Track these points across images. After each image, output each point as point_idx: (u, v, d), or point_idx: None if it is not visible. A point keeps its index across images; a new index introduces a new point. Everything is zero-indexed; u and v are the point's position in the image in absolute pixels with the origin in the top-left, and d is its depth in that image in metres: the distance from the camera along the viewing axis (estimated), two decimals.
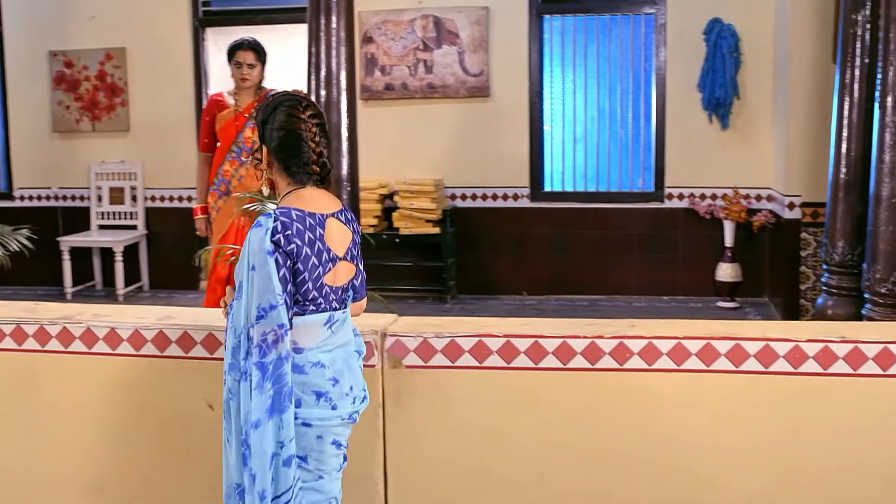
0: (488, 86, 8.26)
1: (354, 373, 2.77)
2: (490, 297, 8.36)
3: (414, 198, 8.12)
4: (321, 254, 2.63)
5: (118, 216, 8.99)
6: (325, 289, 2.66)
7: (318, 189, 2.74)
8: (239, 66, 5.57)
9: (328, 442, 2.69)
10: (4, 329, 3.46)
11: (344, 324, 2.75)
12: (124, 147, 8.97)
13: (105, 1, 8.81)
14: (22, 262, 8.92)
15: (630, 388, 3.08)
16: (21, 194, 9.22)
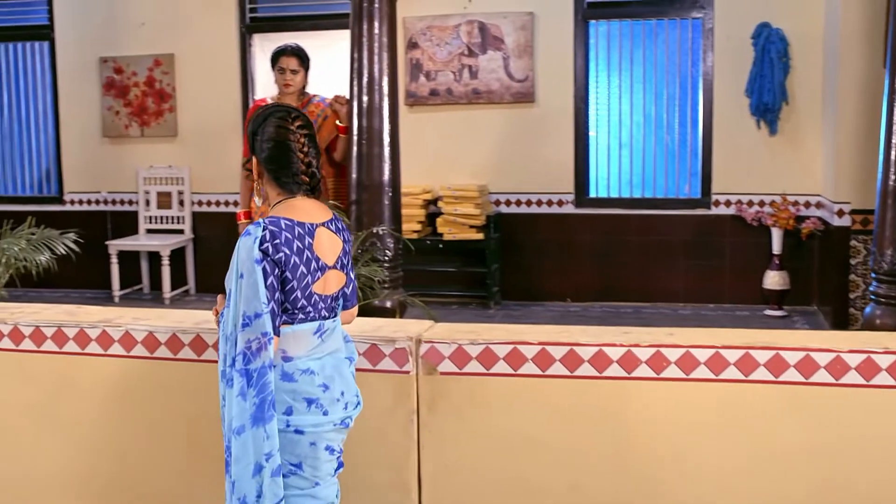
0: (533, 91, 8.23)
1: (345, 379, 2.79)
2: (534, 303, 8.32)
3: (458, 203, 8.10)
4: (310, 262, 2.66)
5: (165, 220, 9.09)
6: (314, 297, 2.69)
7: (309, 199, 2.77)
8: (282, 71, 5.60)
9: (322, 448, 2.70)
10: (45, 332, 3.51)
11: (334, 332, 2.77)
12: (172, 152, 9.07)
13: (154, 8, 8.92)
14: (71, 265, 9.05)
15: (667, 398, 3.03)
16: (71, 198, 9.36)
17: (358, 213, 5.44)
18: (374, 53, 5.40)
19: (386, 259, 5.43)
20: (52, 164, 9.53)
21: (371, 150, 5.43)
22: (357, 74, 5.42)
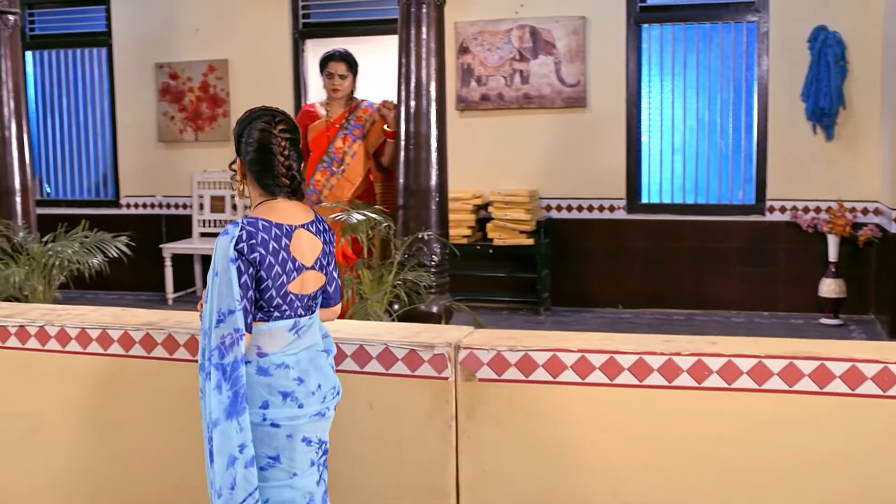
0: (585, 96, 8.17)
1: (323, 371, 2.84)
2: (585, 309, 8.26)
3: (508, 209, 8.08)
4: (285, 263, 2.73)
5: (219, 224, 9.19)
6: (289, 296, 2.75)
7: (291, 201, 2.83)
8: (331, 76, 5.63)
9: (298, 440, 2.77)
10: (91, 333, 3.55)
11: (310, 329, 2.85)
12: (225, 156, 9.14)
13: (209, 14, 9.04)
14: (126, 268, 9.20)
15: (708, 408, 2.98)
16: (127, 202, 9.51)
17: (405, 218, 5.44)
18: (421, 58, 5.41)
19: (432, 264, 5.41)
20: (109, 169, 9.69)
21: (418, 155, 5.43)
22: (405, 79, 5.44)
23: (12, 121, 6.32)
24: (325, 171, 5.67)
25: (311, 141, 5.70)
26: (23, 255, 5.66)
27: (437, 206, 5.50)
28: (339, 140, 5.65)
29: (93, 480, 3.61)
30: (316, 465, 2.85)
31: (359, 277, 4.97)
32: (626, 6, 8.06)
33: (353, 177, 5.65)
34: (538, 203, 8.28)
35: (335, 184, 5.64)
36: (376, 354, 3.25)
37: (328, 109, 5.73)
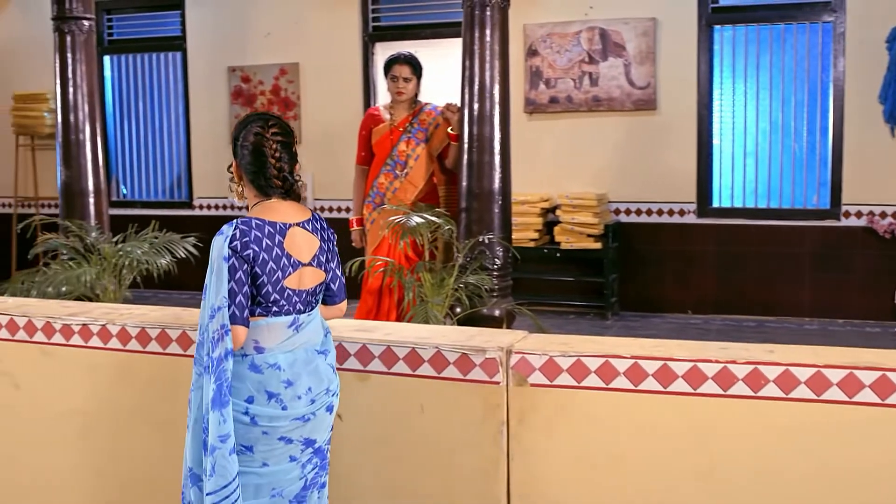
0: (655, 98, 8.07)
1: (317, 373, 2.93)
2: (653, 314, 8.16)
3: (576, 212, 8.01)
4: (280, 259, 2.84)
5: None
6: (286, 292, 2.86)
7: (285, 201, 2.94)
8: (395, 80, 5.64)
9: (275, 437, 2.86)
10: (150, 333, 3.61)
11: (310, 325, 2.94)
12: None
13: (280, 18, 9.14)
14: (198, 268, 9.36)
15: (764, 418, 2.90)
16: (200, 203, 9.67)
17: (467, 221, 5.43)
18: (485, 61, 5.39)
19: (494, 267, 5.39)
20: (183, 171, 9.86)
21: (482, 158, 5.41)
22: (468, 82, 5.42)
23: (87, 124, 6.46)
24: (389, 174, 5.68)
25: (375, 144, 5.73)
26: (94, 255, 5.78)
27: (500, 210, 5.47)
28: (403, 143, 5.66)
29: (147, 478, 3.66)
30: (298, 462, 2.92)
31: (420, 280, 4.97)
32: (697, 7, 7.93)
33: (416, 180, 5.66)
34: (606, 207, 8.20)
35: (398, 187, 5.65)
36: (428, 358, 3.24)
37: (392, 113, 5.74)
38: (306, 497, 2.98)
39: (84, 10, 6.42)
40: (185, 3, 9.50)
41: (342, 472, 3.38)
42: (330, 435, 3.04)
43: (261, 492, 2.88)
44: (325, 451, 3.03)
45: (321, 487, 3.05)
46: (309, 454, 2.94)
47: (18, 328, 3.84)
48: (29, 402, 3.86)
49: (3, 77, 10.12)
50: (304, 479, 2.96)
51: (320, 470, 3.01)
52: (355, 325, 3.53)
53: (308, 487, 2.98)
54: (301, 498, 2.96)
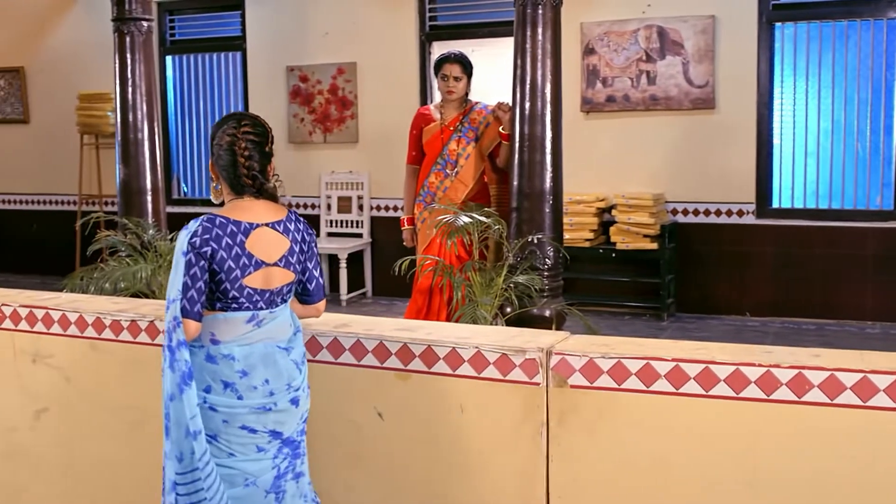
0: (713, 97, 7.96)
1: (275, 367, 2.99)
2: (710, 316, 8.05)
3: (632, 212, 7.94)
4: (239, 258, 2.91)
5: (345, 224, 9.34)
6: (246, 290, 2.93)
7: (258, 200, 3.01)
8: (445, 79, 5.64)
9: (235, 426, 2.95)
10: None
11: (274, 322, 3.00)
12: (352, 158, 9.32)
13: (338, 18, 9.20)
14: None
15: (808, 424, 2.84)
16: None
17: (518, 221, 5.41)
18: (537, 60, 5.36)
19: (545, 267, 5.36)
20: None
21: (533, 158, 5.38)
22: (520, 81, 5.40)
23: (145, 123, 6.56)
24: (440, 174, 5.69)
25: (426, 143, 5.74)
26: (150, 252, 5.86)
27: (551, 209, 5.44)
28: (454, 142, 5.66)
29: None
30: (267, 452, 3.00)
31: (468, 279, 4.96)
32: (757, 4, 7.81)
33: (466, 179, 5.65)
34: (663, 207, 8.11)
35: (449, 186, 5.65)
36: (468, 357, 3.23)
37: (443, 112, 5.75)
38: (282, 486, 3.05)
39: (143, 10, 6.53)
40: (246, 4, 9.61)
41: (383, 471, 3.39)
42: (302, 427, 3.11)
43: (235, 481, 2.97)
44: (298, 442, 3.10)
45: (298, 476, 3.11)
46: (277, 445, 3.02)
47: (70, 323, 3.91)
48: (80, 395, 3.93)
49: (69, 77, 10.34)
50: (277, 469, 3.03)
51: (293, 459, 3.08)
52: (397, 324, 3.53)
53: (281, 476, 3.05)
54: (277, 487, 3.04)
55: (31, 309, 4.01)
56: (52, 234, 10.31)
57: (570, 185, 8.19)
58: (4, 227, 11.07)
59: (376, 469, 3.40)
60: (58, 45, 10.59)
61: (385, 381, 3.35)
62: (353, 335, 3.40)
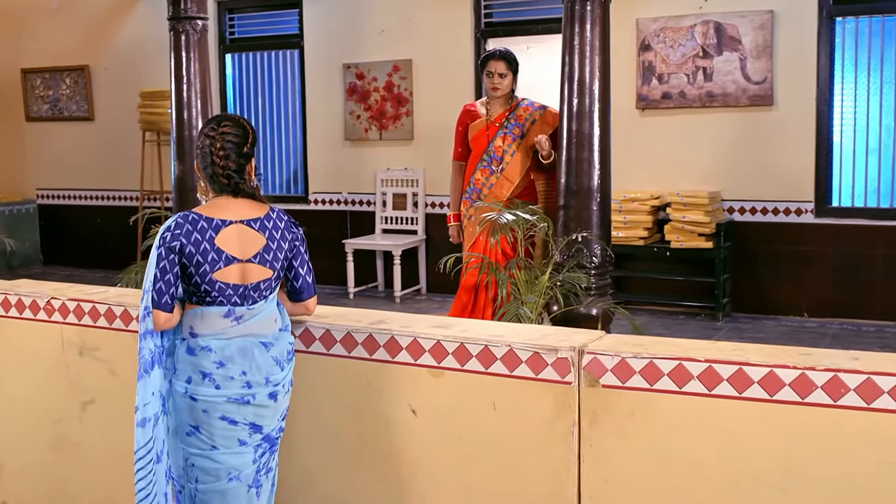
0: (772, 94, 7.82)
1: (252, 360, 3.08)
2: (766, 316, 7.92)
3: (687, 210, 7.84)
4: (207, 253, 3.02)
5: (400, 221, 9.37)
6: (218, 285, 3.04)
7: (236, 198, 3.12)
8: (490, 75, 5.63)
9: (216, 416, 3.06)
10: None
11: (255, 318, 3.10)
12: (408, 155, 9.34)
13: (394, 15, 9.23)
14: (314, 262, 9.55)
15: (844, 428, 2.77)
16: (315, 198, 9.85)
17: (565, 219, 5.36)
18: (585, 56, 5.31)
19: (592, 266, 5.31)
20: (299, 166, 10.07)
21: (580, 155, 5.33)
22: (567, 78, 5.35)
23: (199, 120, 6.66)
24: (485, 170, 5.67)
25: (472, 140, 5.73)
26: None
27: (599, 207, 5.37)
28: (499, 139, 5.64)
29: None
30: (249, 446, 3.10)
31: (513, 277, 4.94)
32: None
33: (511, 175, 5.63)
34: (719, 205, 7.99)
35: (494, 182, 5.64)
36: (501, 355, 3.22)
37: (489, 108, 5.73)
38: (259, 481, 3.17)
39: (198, 9, 6.62)
40: (303, 2, 9.69)
41: (417, 469, 3.39)
42: (282, 424, 3.21)
43: (219, 475, 3.09)
44: (276, 439, 3.20)
45: (268, 472, 3.22)
46: (258, 440, 3.12)
47: (115, 317, 3.98)
48: (124, 388, 3.98)
49: (132, 74, 10.54)
50: (257, 464, 3.14)
51: (268, 454, 3.19)
52: (432, 322, 3.53)
53: (260, 471, 3.16)
54: (256, 482, 3.15)
55: (79, 302, 4.10)
56: (115, 229, 10.51)
57: (625, 183, 8.16)
58: (71, 223, 11.33)
59: (409, 465, 3.40)
60: (121, 43, 10.80)
61: (418, 378, 3.35)
62: (387, 332, 3.41)
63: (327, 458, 3.56)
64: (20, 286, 4.45)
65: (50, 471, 4.25)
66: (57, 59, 11.28)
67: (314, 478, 3.59)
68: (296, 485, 3.62)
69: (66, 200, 11.47)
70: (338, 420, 3.53)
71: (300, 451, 3.61)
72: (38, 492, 4.37)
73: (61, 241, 11.49)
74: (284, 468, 3.59)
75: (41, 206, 11.65)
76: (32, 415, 4.31)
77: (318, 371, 3.54)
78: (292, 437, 3.61)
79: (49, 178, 11.55)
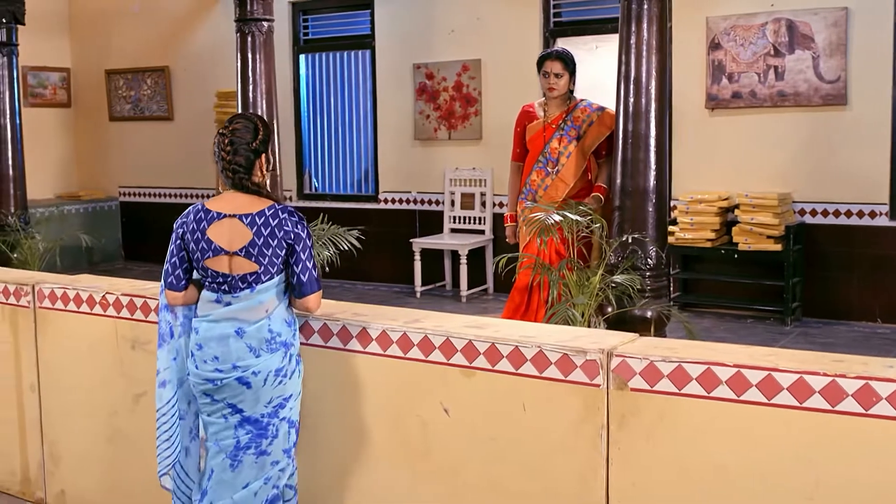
0: (845, 93, 7.62)
1: (225, 346, 3.29)
2: (837, 321, 7.73)
3: (755, 212, 7.69)
4: (199, 242, 3.29)
5: (468, 220, 9.39)
6: (209, 271, 3.31)
7: (239, 193, 3.32)
8: (546, 76, 5.61)
9: (199, 391, 3.37)
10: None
11: (241, 306, 3.29)
12: (476, 154, 9.36)
13: (463, 15, 9.26)
14: (384, 260, 9.66)
15: (874, 437, 2.70)
16: (385, 197, 9.93)
17: (620, 220, 5.31)
18: (641, 55, 5.24)
19: (647, 268, 5.25)
20: (370, 165, 10.16)
21: (636, 155, 5.27)
22: (624, 77, 5.30)
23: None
24: (541, 172, 5.65)
25: (529, 140, 5.72)
26: None
27: (655, 209, 5.31)
28: (555, 140, 5.61)
29: None
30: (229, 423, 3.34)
31: (564, 278, 4.91)
32: None
33: (567, 177, 5.60)
34: (790, 207, 7.82)
35: (550, 184, 5.62)
36: (531, 357, 3.21)
37: (546, 109, 5.71)
38: (240, 457, 3.34)
39: (264, 11, 6.74)
40: (375, 2, 9.77)
41: (449, 467, 3.41)
42: (271, 410, 3.35)
43: (205, 434, 3.44)
44: (265, 423, 3.34)
45: (261, 454, 3.35)
46: (238, 419, 3.33)
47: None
48: None
49: (209, 75, 10.77)
50: (237, 440, 3.34)
51: (256, 437, 3.34)
52: (466, 321, 3.54)
53: (241, 449, 3.34)
54: (234, 455, 3.34)
55: (132, 297, 4.21)
56: None
57: (693, 184, 8.06)
58: (150, 219, 11.61)
59: (441, 463, 3.42)
60: (199, 45, 11.05)
61: (451, 377, 3.37)
62: (421, 331, 3.44)
63: (361, 455, 3.60)
64: (79, 281, 4.59)
65: (105, 462, 4.38)
66: (138, 61, 11.59)
67: (348, 473, 3.63)
68: (329, 479, 3.67)
69: (146, 198, 11.77)
70: (372, 417, 3.56)
71: (334, 447, 3.65)
72: (94, 483, 4.51)
73: (142, 238, 11.79)
74: (318, 462, 3.65)
75: (123, 203, 11.98)
76: (89, 407, 4.45)
77: (354, 368, 3.58)
78: (326, 433, 3.66)
79: (130, 177, 11.88)
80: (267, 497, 3.38)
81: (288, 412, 3.40)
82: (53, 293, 4.52)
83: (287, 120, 10.42)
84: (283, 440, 3.40)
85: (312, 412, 3.66)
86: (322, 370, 3.64)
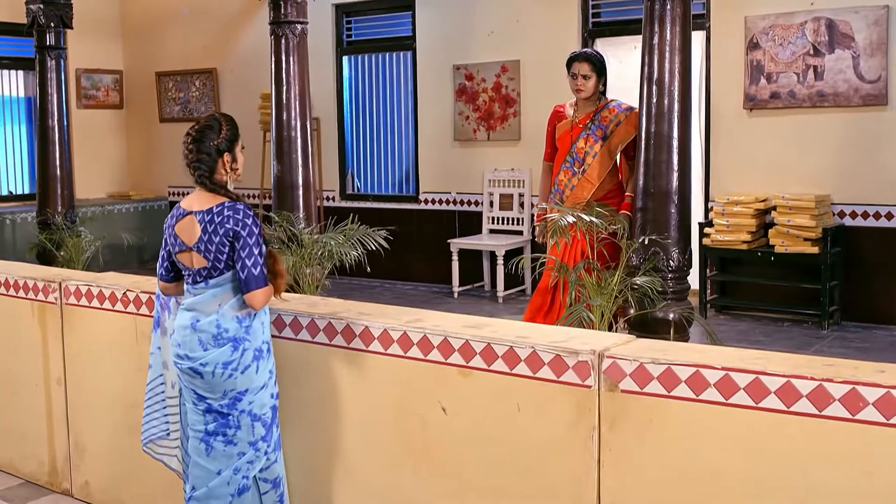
0: (886, 93, 7.49)
1: (186, 337, 3.48)
2: (877, 326, 7.60)
3: (792, 214, 7.60)
4: (170, 237, 3.54)
5: (506, 221, 9.40)
6: (180, 265, 3.54)
7: (201, 191, 3.50)
8: (574, 77, 5.60)
9: (170, 363, 3.65)
10: (285, 319, 3.83)
11: (199, 297, 3.48)
12: (514, 155, 9.37)
13: (502, 17, 9.27)
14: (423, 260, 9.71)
15: (862, 442, 2.67)
16: (425, 198, 9.98)
17: (643, 221, 5.28)
18: (664, 56, 5.22)
19: (669, 269, 5.22)
20: (411, 166, 10.22)
21: (658, 157, 5.24)
22: (647, 78, 5.28)
23: (297, 121, 6.86)
24: (568, 171, 5.65)
25: (557, 140, 5.72)
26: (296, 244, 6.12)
27: (677, 210, 5.28)
28: (581, 140, 5.60)
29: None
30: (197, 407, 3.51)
31: (582, 278, 4.90)
32: None
33: (593, 177, 5.58)
34: (828, 209, 7.71)
35: (576, 184, 5.60)
36: (525, 357, 3.23)
37: (576, 109, 5.71)
38: (212, 443, 3.49)
39: (297, 14, 6.82)
40: (416, 5, 9.83)
41: (447, 467, 3.44)
42: (229, 402, 3.45)
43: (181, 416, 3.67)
44: (226, 414, 3.46)
45: (227, 443, 3.48)
46: (204, 406, 3.49)
47: None
48: None
49: (255, 77, 10.90)
50: (206, 426, 3.50)
51: (221, 427, 3.48)
52: (465, 321, 3.57)
53: (211, 435, 3.49)
54: (207, 441, 3.50)
55: (150, 295, 4.31)
56: None
57: (730, 185, 7.99)
58: None
59: (443, 465, 3.45)
60: (244, 47, 11.21)
61: (448, 376, 3.40)
62: (420, 330, 3.47)
63: (366, 451, 3.65)
64: (103, 279, 4.71)
65: (126, 454, 4.48)
66: (188, 63, 11.79)
67: (354, 470, 3.68)
68: (336, 475, 3.72)
69: None
70: (375, 415, 3.61)
71: (340, 443, 3.70)
72: (116, 474, 4.62)
73: None
74: (325, 459, 3.70)
75: (172, 202, 12.19)
76: (111, 400, 4.57)
77: (357, 366, 3.63)
78: (333, 430, 3.71)
79: (180, 177, 12.06)
80: (238, 486, 3.49)
81: (247, 405, 3.47)
82: (79, 290, 4.65)
83: (330, 121, 10.54)
84: (247, 433, 3.48)
85: (314, 409, 3.72)
86: (326, 368, 3.70)
